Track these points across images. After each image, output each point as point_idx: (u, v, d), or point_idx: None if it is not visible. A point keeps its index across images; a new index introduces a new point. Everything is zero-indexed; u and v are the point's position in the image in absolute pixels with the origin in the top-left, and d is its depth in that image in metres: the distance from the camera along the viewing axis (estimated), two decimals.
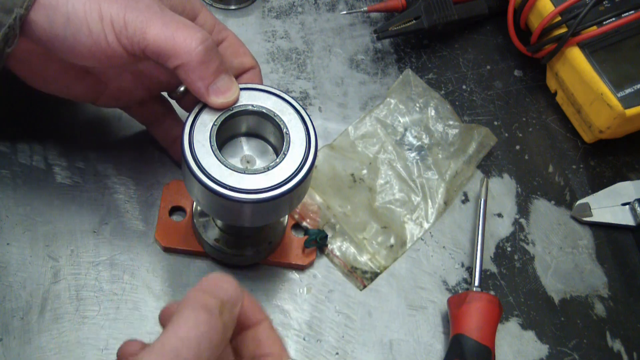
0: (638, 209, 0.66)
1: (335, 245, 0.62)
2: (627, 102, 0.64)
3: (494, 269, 0.63)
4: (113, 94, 0.57)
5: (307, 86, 0.69)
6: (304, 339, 0.58)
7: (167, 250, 0.59)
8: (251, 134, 0.54)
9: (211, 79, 0.49)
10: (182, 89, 0.55)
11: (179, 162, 0.61)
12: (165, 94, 0.60)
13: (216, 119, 0.50)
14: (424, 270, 0.62)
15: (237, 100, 0.51)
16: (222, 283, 0.40)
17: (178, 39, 0.48)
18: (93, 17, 0.47)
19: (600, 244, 0.66)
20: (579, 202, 0.67)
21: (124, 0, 0.48)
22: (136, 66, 0.55)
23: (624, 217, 0.67)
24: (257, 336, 0.44)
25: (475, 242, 0.62)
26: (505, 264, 0.64)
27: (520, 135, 0.70)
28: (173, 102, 0.59)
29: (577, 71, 0.66)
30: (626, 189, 0.67)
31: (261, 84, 0.57)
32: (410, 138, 0.67)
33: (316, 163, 0.55)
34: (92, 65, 0.51)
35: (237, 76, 0.55)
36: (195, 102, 0.51)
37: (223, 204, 0.49)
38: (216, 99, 0.50)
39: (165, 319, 0.43)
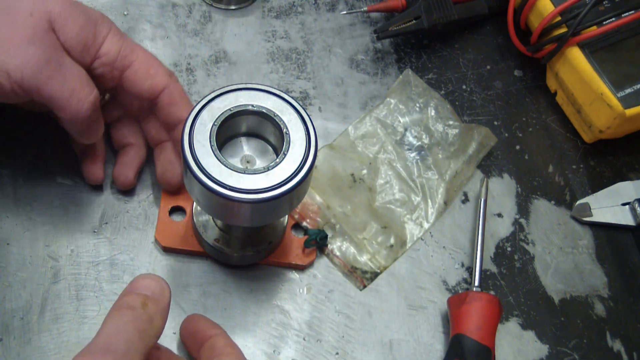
0: (638, 209, 0.66)
1: (335, 245, 0.62)
2: (627, 102, 0.64)
3: (494, 269, 0.63)
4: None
5: (307, 86, 0.69)
6: (304, 339, 0.58)
7: (167, 250, 0.59)
8: (251, 134, 0.54)
9: (89, 138, 0.56)
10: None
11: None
12: None
13: (216, 119, 0.50)
14: (424, 270, 0.62)
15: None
16: (145, 281, 0.45)
17: (72, 100, 0.52)
18: None
19: (600, 244, 0.66)
20: (579, 202, 0.67)
21: (25, 54, 0.50)
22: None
23: (624, 217, 0.67)
24: (213, 344, 0.51)
25: (475, 242, 0.62)
26: (505, 264, 0.64)
27: (520, 135, 0.70)
28: None
29: (577, 71, 0.66)
30: (626, 189, 0.67)
31: (180, 97, 0.57)
32: (410, 138, 0.67)
33: (316, 163, 0.55)
34: None
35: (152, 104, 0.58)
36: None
37: (223, 204, 0.49)
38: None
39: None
